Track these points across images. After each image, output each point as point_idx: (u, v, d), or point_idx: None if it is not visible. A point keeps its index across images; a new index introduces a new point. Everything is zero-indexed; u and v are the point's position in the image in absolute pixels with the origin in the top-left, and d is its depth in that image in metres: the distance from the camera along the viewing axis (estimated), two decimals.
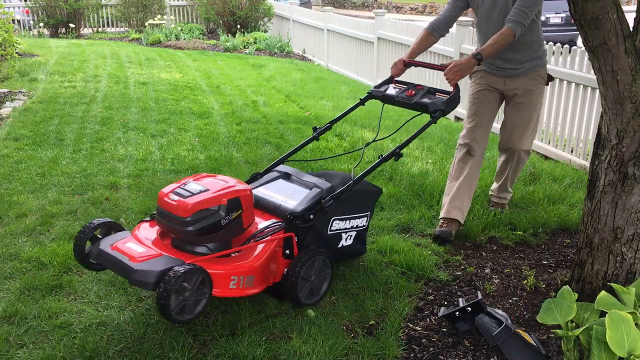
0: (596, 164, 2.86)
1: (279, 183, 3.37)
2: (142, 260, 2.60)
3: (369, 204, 3.37)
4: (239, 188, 2.89)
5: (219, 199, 2.78)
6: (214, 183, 2.90)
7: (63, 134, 5.87)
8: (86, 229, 2.88)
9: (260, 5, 14.47)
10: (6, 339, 2.69)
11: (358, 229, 3.33)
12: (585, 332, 2.35)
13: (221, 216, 2.78)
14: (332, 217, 3.15)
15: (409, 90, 3.64)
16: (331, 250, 3.19)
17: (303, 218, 3.00)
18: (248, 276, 2.81)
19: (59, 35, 15.03)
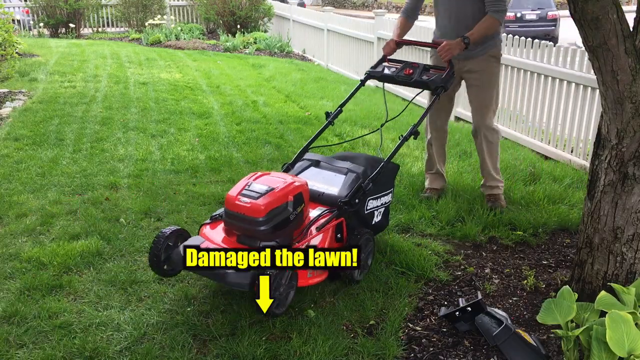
0: (596, 164, 2.86)
1: (312, 171, 3.54)
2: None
3: (392, 180, 3.62)
4: (300, 183, 3.08)
5: (286, 196, 2.96)
6: (275, 181, 3.05)
7: (63, 134, 5.87)
8: (160, 239, 3.01)
9: (260, 5, 14.46)
10: (6, 339, 2.69)
11: (386, 204, 3.56)
12: (585, 332, 2.35)
13: (289, 212, 2.97)
14: (368, 198, 3.35)
15: (406, 68, 3.86)
16: (367, 227, 3.40)
17: (350, 203, 3.20)
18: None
19: (59, 35, 15.03)
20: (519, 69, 6.20)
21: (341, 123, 6.59)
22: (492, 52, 4.10)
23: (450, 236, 3.87)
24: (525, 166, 5.12)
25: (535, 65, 5.91)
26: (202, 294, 3.08)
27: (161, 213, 4.09)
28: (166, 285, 3.18)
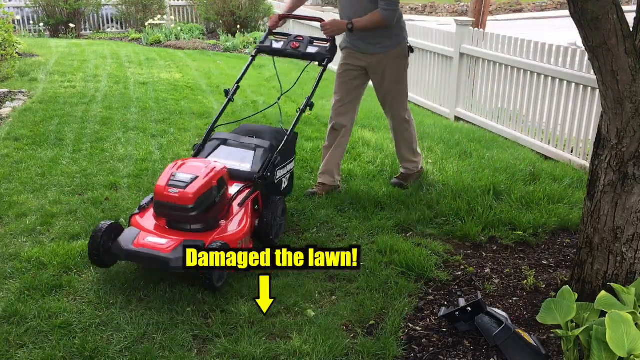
0: (596, 164, 2.86)
1: (222, 150, 3.80)
2: (171, 249, 3.02)
3: (293, 149, 4.03)
4: (220, 167, 3.37)
5: (210, 182, 3.22)
6: (197, 168, 3.29)
7: (63, 134, 5.87)
8: (97, 234, 3.18)
9: (260, 5, 14.45)
10: (6, 339, 2.69)
11: (291, 171, 4.00)
12: (585, 332, 2.35)
13: (215, 195, 3.24)
14: (276, 169, 3.73)
15: (293, 42, 4.15)
16: (278, 194, 3.80)
17: (264, 177, 3.59)
18: (247, 236, 3.39)
19: (59, 35, 15.03)
20: (518, 69, 6.20)
21: None
22: (398, 49, 4.33)
23: (450, 236, 3.87)
24: (525, 166, 5.11)
25: (536, 65, 5.90)
26: (202, 294, 3.08)
27: None
28: (166, 285, 3.18)
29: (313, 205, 4.29)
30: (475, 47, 6.82)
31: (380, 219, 4.05)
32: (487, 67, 6.72)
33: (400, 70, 4.37)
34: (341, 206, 4.28)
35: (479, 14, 11.26)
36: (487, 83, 6.76)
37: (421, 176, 4.76)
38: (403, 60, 4.37)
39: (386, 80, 4.38)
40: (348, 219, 4.07)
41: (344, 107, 4.45)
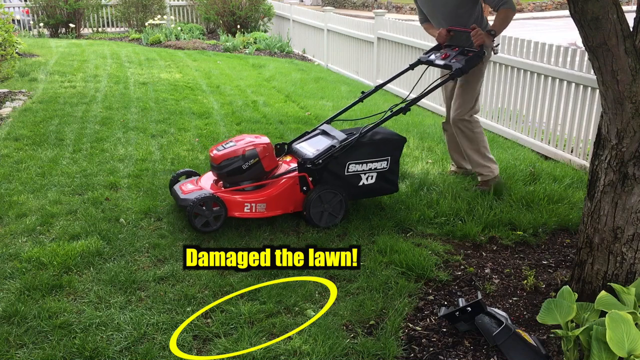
0: (596, 164, 2.86)
1: (316, 138, 4.26)
2: (188, 192, 3.87)
3: (387, 150, 4.06)
4: (256, 142, 3.96)
5: (237, 152, 3.88)
6: (244, 140, 4.00)
7: (63, 134, 5.87)
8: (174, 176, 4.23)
9: (260, 5, 14.45)
10: (6, 339, 2.69)
11: (377, 170, 4.06)
12: (585, 332, 2.35)
13: (241, 163, 3.86)
14: (348, 162, 3.95)
15: (445, 52, 4.39)
16: (351, 187, 4.02)
17: (313, 162, 3.88)
18: (259, 204, 3.83)
19: (59, 35, 15.03)
20: (519, 69, 6.20)
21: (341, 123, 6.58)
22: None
23: (450, 236, 3.87)
24: (525, 166, 5.11)
25: (536, 65, 5.90)
26: (202, 294, 3.09)
27: (161, 213, 4.09)
28: (166, 285, 3.18)
29: None
30: None
31: (380, 219, 4.05)
32: (487, 67, 6.71)
33: (472, 73, 4.35)
34: None
35: None
36: (487, 83, 6.76)
37: (500, 182, 4.58)
38: (479, 64, 4.37)
39: (460, 84, 4.46)
40: (348, 219, 4.07)
41: (448, 109, 4.69)
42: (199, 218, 3.71)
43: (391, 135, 4.14)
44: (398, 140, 4.12)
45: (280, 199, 3.89)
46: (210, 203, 3.72)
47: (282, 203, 3.91)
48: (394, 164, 4.11)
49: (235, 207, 3.80)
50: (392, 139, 4.10)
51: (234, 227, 3.90)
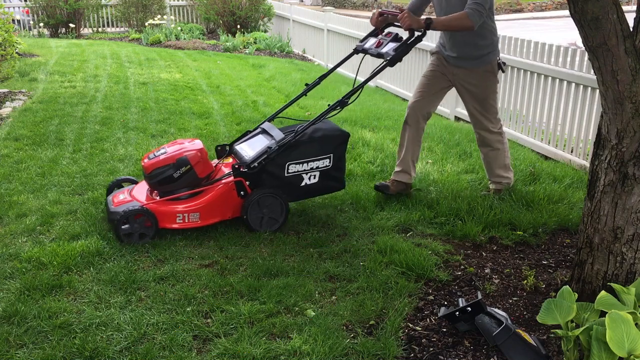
0: (596, 164, 2.86)
1: (256, 138, 4.08)
2: (118, 204, 3.74)
3: (329, 147, 3.89)
4: (188, 149, 3.80)
5: (167, 160, 3.73)
6: (175, 147, 3.83)
7: (63, 134, 5.87)
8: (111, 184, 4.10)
9: (260, 5, 14.46)
10: (6, 339, 2.69)
11: (320, 169, 3.90)
12: (585, 332, 2.35)
13: (173, 171, 3.71)
14: (287, 162, 3.81)
15: (379, 40, 4.13)
16: (293, 189, 3.88)
17: (248, 166, 3.75)
18: (192, 213, 3.69)
19: (59, 35, 15.03)
20: (519, 69, 6.20)
21: (341, 123, 6.58)
22: (487, 67, 4.18)
23: (450, 236, 3.87)
24: (525, 166, 5.12)
25: (536, 65, 5.91)
26: (202, 294, 3.09)
27: None
28: (166, 285, 3.18)
29: (313, 205, 4.29)
30: None
31: (380, 219, 4.05)
32: None
33: (487, 87, 4.20)
34: (341, 206, 4.28)
35: None
36: None
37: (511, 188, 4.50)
38: (491, 78, 4.20)
39: (471, 95, 4.25)
40: (348, 219, 4.07)
41: (423, 101, 4.29)
42: (127, 232, 3.58)
43: (333, 131, 3.96)
44: (340, 136, 3.95)
45: (215, 207, 3.76)
46: (139, 216, 3.59)
47: (219, 210, 3.78)
48: (337, 160, 3.94)
49: (166, 218, 3.67)
50: (334, 135, 3.93)
51: (234, 227, 3.90)
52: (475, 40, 4.08)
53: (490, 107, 4.27)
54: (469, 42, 4.10)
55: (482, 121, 4.30)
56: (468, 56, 4.15)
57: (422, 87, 4.32)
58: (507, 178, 4.44)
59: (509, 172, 4.45)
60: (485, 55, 4.15)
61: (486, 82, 4.20)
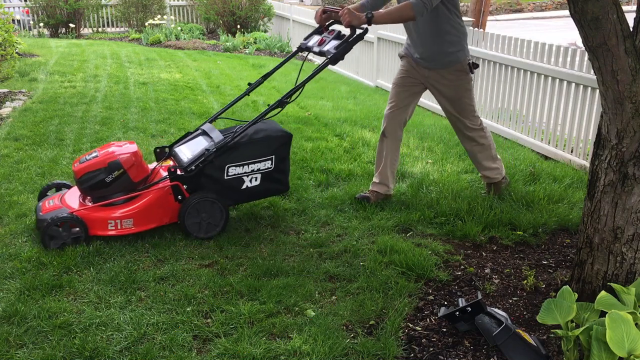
0: (596, 164, 2.86)
1: (196, 139, 3.96)
2: (47, 211, 3.60)
3: (271, 148, 3.81)
4: (121, 152, 3.67)
5: (98, 164, 3.59)
6: (107, 150, 3.71)
7: (63, 134, 5.87)
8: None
9: (260, 5, 14.46)
10: (6, 339, 2.69)
11: (261, 171, 3.81)
12: (585, 332, 2.35)
13: (104, 175, 3.57)
14: (227, 165, 3.70)
15: (322, 37, 4.05)
16: (234, 192, 3.78)
17: (185, 170, 3.64)
18: (125, 220, 3.57)
19: (59, 35, 15.03)
20: (519, 69, 6.20)
21: (341, 123, 6.59)
22: (458, 66, 4.08)
23: (450, 236, 3.87)
24: (525, 166, 5.12)
25: (536, 65, 5.90)
26: (202, 294, 3.09)
27: None
28: (166, 285, 3.18)
29: (313, 205, 4.29)
30: (475, 47, 6.82)
31: (380, 219, 4.05)
32: (487, 67, 6.72)
33: (459, 87, 4.12)
34: (341, 206, 4.28)
35: (479, 14, 11.27)
36: (487, 83, 6.76)
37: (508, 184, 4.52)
38: (463, 77, 4.11)
39: (445, 96, 4.18)
40: (348, 219, 4.07)
41: (397, 112, 4.23)
42: (55, 240, 3.46)
43: (274, 132, 3.86)
44: (282, 137, 3.85)
45: (150, 213, 3.64)
46: (67, 224, 3.45)
47: (154, 216, 3.66)
48: (279, 162, 3.85)
49: (97, 225, 3.55)
50: (275, 136, 3.83)
51: (233, 226, 3.91)
52: (443, 38, 3.99)
53: (467, 106, 4.18)
54: (436, 42, 4.01)
55: (461, 120, 4.22)
56: (437, 56, 4.06)
57: (395, 96, 4.25)
58: (497, 169, 4.38)
59: (497, 161, 4.40)
60: (454, 54, 4.04)
61: (458, 81, 4.11)
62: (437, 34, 3.98)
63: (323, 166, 5.09)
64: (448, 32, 3.99)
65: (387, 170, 4.30)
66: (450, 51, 4.04)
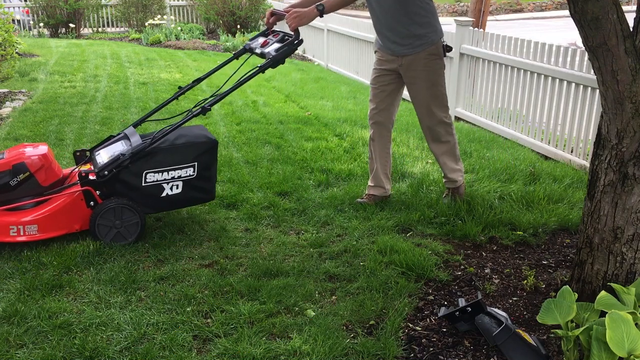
0: (596, 164, 2.86)
1: (116, 144, 3.83)
2: None
3: (192, 155, 3.65)
4: (28, 154, 3.53)
5: (2, 166, 3.44)
6: (14, 153, 3.57)
7: (63, 134, 5.87)
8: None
9: (260, 5, 14.46)
10: (6, 339, 2.69)
11: (182, 178, 3.65)
12: (585, 332, 2.35)
13: (9, 179, 3.43)
14: (145, 171, 3.56)
15: (266, 39, 3.97)
16: (152, 199, 3.63)
17: (97, 174, 3.50)
18: (29, 225, 3.40)
19: (59, 35, 15.03)
20: (518, 69, 6.20)
21: (341, 123, 6.59)
22: (431, 49, 3.94)
23: (450, 236, 3.87)
24: (525, 166, 5.12)
25: (536, 65, 5.91)
26: (202, 294, 3.09)
27: (161, 213, 4.09)
28: (166, 285, 3.18)
29: (313, 205, 4.29)
30: (475, 47, 6.82)
31: (380, 219, 4.05)
32: (487, 67, 6.72)
33: (434, 71, 3.99)
34: (341, 206, 4.28)
35: (479, 14, 11.26)
36: (487, 83, 6.76)
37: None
38: (437, 60, 3.97)
39: (418, 82, 4.02)
40: (348, 219, 4.07)
41: (380, 114, 4.19)
42: None
43: (197, 138, 3.72)
44: (205, 144, 3.69)
45: (57, 219, 3.48)
46: None
47: (63, 222, 3.50)
48: (203, 170, 3.70)
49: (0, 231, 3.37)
50: (198, 142, 3.68)
51: (233, 226, 3.91)
52: (411, 19, 3.87)
53: (441, 95, 4.06)
54: (403, 23, 3.88)
55: (434, 111, 4.06)
56: (406, 40, 3.92)
57: (374, 97, 4.19)
58: (460, 171, 4.31)
59: (460, 163, 4.31)
60: (425, 36, 3.91)
61: (433, 66, 3.97)
62: (404, 14, 3.83)
63: (323, 166, 5.09)
64: (416, 13, 3.85)
65: (380, 173, 4.30)
66: (420, 33, 3.90)
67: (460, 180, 4.31)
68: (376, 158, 4.30)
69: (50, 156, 3.63)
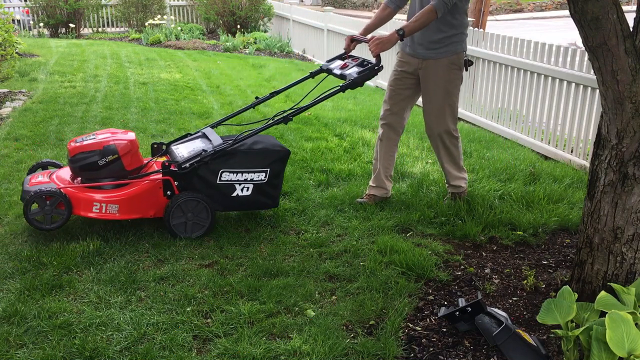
0: (596, 164, 2.86)
1: (194, 141, 4.02)
2: (34, 184, 3.63)
3: (267, 161, 3.82)
4: (118, 138, 3.74)
5: (94, 146, 3.64)
6: (106, 135, 3.78)
7: (63, 134, 5.87)
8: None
9: (260, 5, 14.46)
10: (6, 339, 2.69)
11: (254, 182, 3.81)
12: (585, 332, 2.35)
13: (98, 158, 3.61)
14: (221, 169, 3.72)
15: (345, 62, 4.16)
16: (224, 197, 3.78)
17: (179, 166, 3.65)
18: (111, 205, 3.57)
19: (59, 35, 15.02)
20: (518, 69, 6.20)
21: (341, 123, 6.59)
22: (453, 59, 4.01)
23: (450, 236, 3.87)
24: (525, 166, 5.12)
25: (536, 65, 5.91)
26: (202, 294, 3.09)
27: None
28: (166, 285, 3.18)
29: (313, 205, 4.29)
30: (475, 47, 6.82)
31: (380, 219, 4.05)
32: (487, 67, 6.72)
33: (451, 81, 4.04)
34: (341, 206, 4.28)
35: (479, 14, 11.27)
36: (487, 83, 6.76)
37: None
38: (456, 71, 4.04)
39: (434, 88, 4.06)
40: (348, 219, 4.07)
41: (392, 116, 4.24)
42: (36, 212, 3.49)
43: (273, 146, 3.87)
44: (280, 152, 3.86)
45: (137, 202, 3.65)
46: (50, 198, 3.48)
47: (140, 206, 3.67)
48: (274, 177, 3.85)
49: (81, 205, 3.56)
50: (273, 150, 3.84)
51: (233, 226, 3.91)
52: (444, 26, 3.94)
53: (453, 105, 4.11)
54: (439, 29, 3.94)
55: (443, 120, 4.10)
56: (435, 45, 3.97)
57: (390, 99, 4.24)
58: (464, 179, 4.33)
59: (463, 172, 4.33)
60: (453, 45, 3.98)
61: (451, 75, 4.03)
62: (440, 20, 3.88)
63: (323, 166, 5.09)
64: (452, 26, 3.95)
65: (382, 175, 4.32)
66: (447, 41, 3.97)
67: (464, 187, 4.33)
68: (380, 159, 4.32)
69: (136, 143, 3.83)
